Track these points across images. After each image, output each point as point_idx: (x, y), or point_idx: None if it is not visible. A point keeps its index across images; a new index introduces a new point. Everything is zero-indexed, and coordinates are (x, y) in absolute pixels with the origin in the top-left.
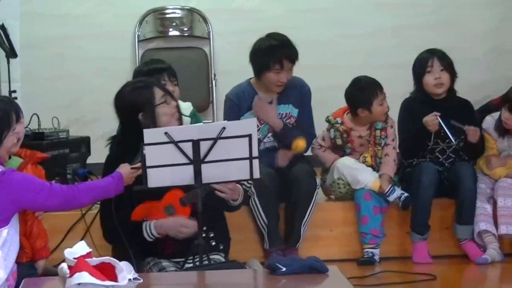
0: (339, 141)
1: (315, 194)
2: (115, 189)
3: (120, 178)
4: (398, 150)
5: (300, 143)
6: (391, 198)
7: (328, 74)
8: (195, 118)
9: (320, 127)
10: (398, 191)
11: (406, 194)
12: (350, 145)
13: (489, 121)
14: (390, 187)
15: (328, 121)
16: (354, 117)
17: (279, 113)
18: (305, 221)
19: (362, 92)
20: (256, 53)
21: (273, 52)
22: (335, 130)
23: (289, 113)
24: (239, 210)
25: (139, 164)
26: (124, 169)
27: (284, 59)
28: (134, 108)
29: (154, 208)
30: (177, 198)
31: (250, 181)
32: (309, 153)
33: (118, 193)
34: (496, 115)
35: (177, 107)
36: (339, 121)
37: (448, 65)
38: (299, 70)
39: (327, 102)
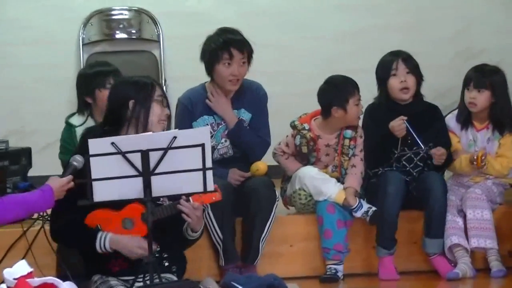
0: (304, 149)
1: (274, 207)
2: (45, 204)
3: (50, 192)
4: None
5: (260, 166)
6: (358, 214)
7: (285, 81)
8: None
9: (275, 137)
10: (365, 206)
11: (373, 208)
12: (316, 154)
13: (450, 117)
14: (358, 203)
15: (294, 126)
16: (323, 123)
17: None
18: (264, 236)
19: (338, 89)
20: (205, 46)
21: (220, 40)
22: (301, 137)
23: (240, 117)
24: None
25: (70, 177)
26: (54, 182)
27: (232, 48)
28: (129, 93)
29: (112, 217)
30: (138, 213)
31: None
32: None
33: (49, 208)
34: (456, 111)
35: (168, 117)
36: (307, 127)
37: (414, 68)
38: (254, 76)
39: (284, 110)
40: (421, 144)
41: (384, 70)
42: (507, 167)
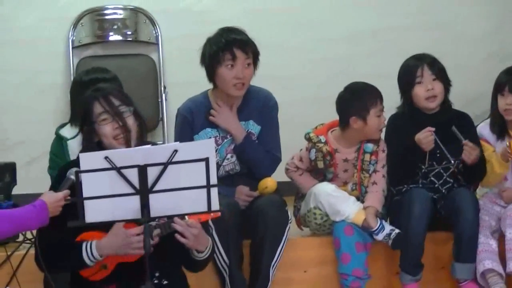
0: (320, 164)
1: (286, 230)
2: (38, 220)
3: (44, 208)
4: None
5: (269, 183)
6: (380, 237)
7: (296, 86)
8: None
9: (286, 150)
10: (387, 227)
11: (397, 231)
12: (333, 169)
13: (483, 126)
14: (379, 224)
15: (308, 139)
16: (341, 135)
17: None
18: (275, 263)
19: (358, 97)
20: (205, 49)
21: (222, 41)
22: (316, 151)
23: (248, 130)
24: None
25: (67, 191)
26: (49, 197)
27: (235, 48)
28: (80, 119)
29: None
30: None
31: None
32: (277, 177)
33: (42, 225)
34: (489, 120)
35: (124, 127)
36: (323, 140)
37: (440, 73)
38: (260, 82)
39: (295, 120)
40: (451, 158)
41: (407, 78)
42: None
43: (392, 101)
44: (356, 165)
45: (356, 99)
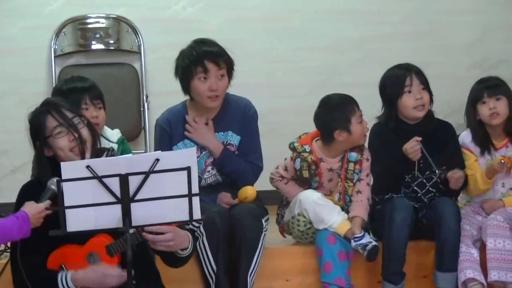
0: (306, 174)
1: (261, 238)
2: (20, 232)
3: (26, 219)
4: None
5: (249, 193)
6: (353, 244)
7: (280, 95)
8: (122, 145)
9: (269, 159)
10: (366, 239)
11: (374, 243)
12: (319, 178)
13: (466, 134)
14: (362, 234)
15: (293, 148)
16: (325, 145)
17: None
18: (252, 271)
19: (336, 110)
20: (178, 61)
21: (193, 54)
22: (302, 160)
23: (227, 141)
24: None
25: (48, 202)
26: (30, 209)
27: (206, 61)
28: (32, 134)
29: (75, 254)
30: (102, 245)
31: (199, 220)
32: (259, 186)
33: (24, 236)
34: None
35: (79, 139)
36: (308, 150)
37: (427, 83)
38: (243, 90)
39: (278, 129)
40: (436, 168)
41: (395, 87)
42: None
43: (376, 109)
44: (340, 174)
45: (335, 113)
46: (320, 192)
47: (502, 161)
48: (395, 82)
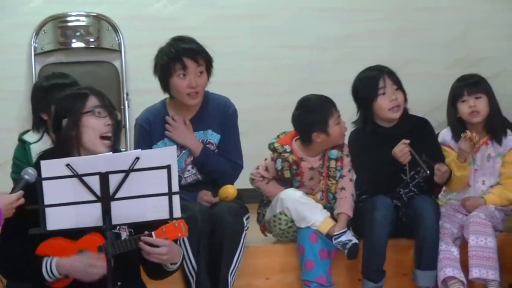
0: (287, 174)
1: (242, 237)
2: None
3: None
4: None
5: (230, 191)
6: (334, 242)
7: (260, 93)
8: None
9: (250, 158)
10: (346, 236)
11: (354, 241)
12: (300, 178)
13: (446, 132)
14: (342, 232)
15: (273, 149)
16: (305, 145)
17: None
18: (233, 269)
19: (314, 113)
20: (156, 59)
21: (172, 51)
22: (283, 161)
23: (207, 140)
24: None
25: (21, 192)
26: (2, 199)
27: (185, 57)
28: (61, 111)
29: (66, 248)
30: (95, 245)
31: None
32: (240, 184)
33: None
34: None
35: (113, 127)
36: (288, 150)
37: (400, 83)
38: (224, 88)
39: (259, 127)
40: (426, 169)
41: (369, 89)
42: None
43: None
44: (322, 172)
45: (312, 116)
46: (302, 191)
47: (463, 135)
48: (368, 85)
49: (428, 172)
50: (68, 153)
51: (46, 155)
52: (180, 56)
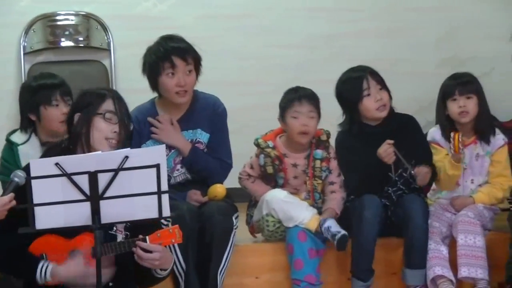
0: (270, 169)
1: (232, 236)
2: None
3: None
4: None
5: (219, 191)
6: (323, 227)
7: (249, 92)
8: None
9: (239, 157)
10: (335, 227)
11: (343, 233)
12: (284, 174)
13: (435, 130)
14: (328, 221)
15: (257, 144)
16: (288, 140)
17: None
18: (222, 268)
19: (282, 99)
20: (145, 58)
21: (160, 50)
22: (265, 156)
23: (196, 139)
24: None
25: (12, 195)
26: None
27: (174, 56)
28: (77, 105)
29: (59, 246)
30: (89, 245)
31: (168, 218)
32: (229, 183)
33: None
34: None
35: (120, 135)
36: (271, 145)
37: (383, 82)
38: (213, 87)
39: (248, 127)
40: (410, 168)
41: (354, 91)
42: (509, 188)
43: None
44: (307, 172)
45: (281, 101)
46: (287, 190)
47: (452, 134)
48: (352, 87)
49: (413, 171)
50: (74, 148)
51: (53, 148)
52: (169, 55)
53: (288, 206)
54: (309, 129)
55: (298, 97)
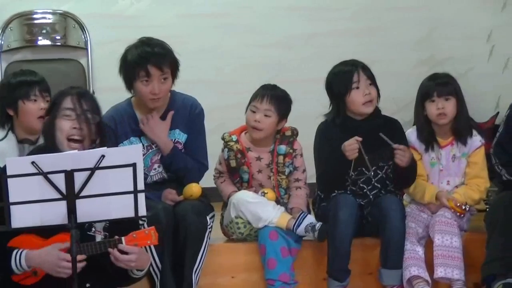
0: (233, 163)
1: (206, 235)
2: None
3: None
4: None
5: (194, 190)
6: (299, 229)
7: (228, 91)
8: None
9: (216, 157)
10: (309, 219)
11: (321, 223)
12: (248, 168)
13: (411, 132)
14: (300, 215)
15: (222, 138)
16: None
17: None
18: (197, 268)
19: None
20: (122, 60)
21: (136, 55)
22: (229, 150)
23: (175, 140)
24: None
25: None
26: None
27: (149, 65)
28: (48, 108)
29: (36, 246)
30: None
31: (143, 218)
32: (206, 183)
33: None
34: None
35: (82, 131)
36: (234, 139)
37: (373, 78)
38: (191, 87)
39: (227, 124)
40: (371, 168)
41: (343, 83)
42: (485, 189)
43: (321, 105)
44: (272, 168)
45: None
46: (254, 187)
47: (452, 210)
48: (342, 78)
49: (372, 172)
50: (54, 149)
51: (37, 151)
52: (145, 63)
53: (255, 207)
54: (261, 125)
55: (262, 94)
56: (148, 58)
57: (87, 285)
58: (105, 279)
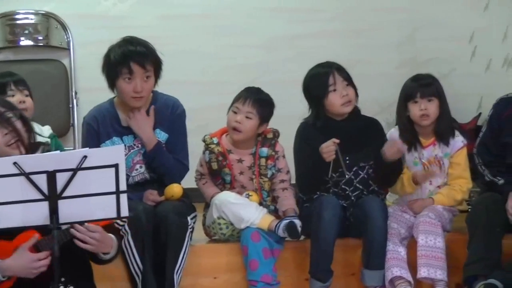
0: (214, 165)
1: (187, 236)
2: None
3: None
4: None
5: (176, 190)
6: (279, 230)
7: (212, 92)
8: (55, 141)
9: (198, 157)
10: (285, 220)
11: (288, 220)
12: (229, 170)
13: (393, 132)
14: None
15: (203, 141)
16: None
17: None
18: (178, 268)
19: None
20: (105, 58)
21: (119, 53)
22: (210, 152)
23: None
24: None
25: None
26: None
27: (132, 62)
28: None
29: (2, 248)
30: (32, 241)
31: (124, 219)
32: (187, 183)
33: None
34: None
35: (14, 132)
36: (215, 141)
37: (349, 78)
38: (173, 87)
39: (210, 125)
40: (346, 172)
41: (320, 86)
42: (468, 190)
43: (304, 106)
44: (254, 170)
45: None
46: (236, 188)
47: (426, 167)
48: (319, 82)
49: (347, 176)
50: None
51: None
52: (127, 60)
53: (237, 208)
54: (241, 127)
55: (246, 96)
56: (131, 56)
57: (62, 279)
58: (79, 272)
